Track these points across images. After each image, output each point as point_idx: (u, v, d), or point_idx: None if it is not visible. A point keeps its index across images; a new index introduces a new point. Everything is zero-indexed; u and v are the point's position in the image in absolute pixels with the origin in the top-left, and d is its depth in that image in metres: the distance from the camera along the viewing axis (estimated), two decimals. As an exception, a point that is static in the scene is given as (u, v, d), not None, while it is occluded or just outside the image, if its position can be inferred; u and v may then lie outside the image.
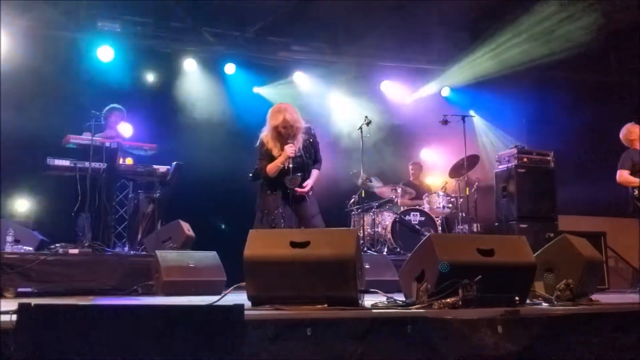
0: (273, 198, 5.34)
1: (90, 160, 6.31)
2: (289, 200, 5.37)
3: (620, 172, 6.98)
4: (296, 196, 5.36)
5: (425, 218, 8.15)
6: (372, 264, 6.24)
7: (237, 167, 8.33)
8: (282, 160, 5.27)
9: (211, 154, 8.35)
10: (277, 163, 5.29)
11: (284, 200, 5.38)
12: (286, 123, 5.20)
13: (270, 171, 5.31)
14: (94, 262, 5.83)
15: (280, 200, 5.36)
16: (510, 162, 8.25)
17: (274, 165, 5.30)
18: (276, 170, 5.31)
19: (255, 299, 3.39)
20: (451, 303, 3.31)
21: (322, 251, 3.37)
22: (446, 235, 6.88)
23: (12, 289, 5.45)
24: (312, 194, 5.51)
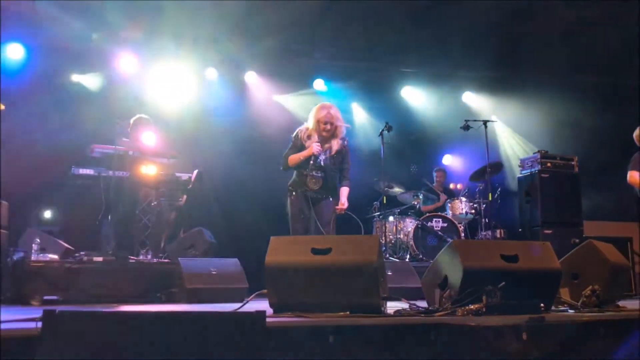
0: (296, 201, 5.45)
1: (114, 169, 6.39)
2: (309, 203, 5.46)
3: (630, 173, 6.88)
4: (315, 199, 5.47)
5: (448, 224, 8.08)
6: (394, 271, 6.21)
7: (258, 174, 8.39)
8: (306, 154, 5.38)
9: (232, 162, 8.40)
10: (300, 155, 5.41)
11: (306, 203, 5.46)
12: (329, 118, 5.32)
13: (291, 161, 5.45)
14: (117, 270, 5.88)
15: (304, 204, 5.44)
16: (533, 167, 8.18)
17: (296, 156, 5.43)
18: (296, 162, 5.42)
19: (277, 306, 3.39)
20: (475, 310, 3.27)
21: (344, 258, 3.36)
22: (469, 241, 6.82)
23: (38, 297, 5.52)
24: (332, 200, 5.57)
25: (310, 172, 5.39)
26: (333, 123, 5.33)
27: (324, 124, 5.32)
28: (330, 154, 5.44)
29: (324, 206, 5.48)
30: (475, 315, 3.24)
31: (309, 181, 5.39)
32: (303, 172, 5.45)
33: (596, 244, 4.18)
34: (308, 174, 5.38)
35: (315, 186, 5.40)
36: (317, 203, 5.49)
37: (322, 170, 5.41)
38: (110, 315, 1.82)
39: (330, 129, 5.35)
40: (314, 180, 5.38)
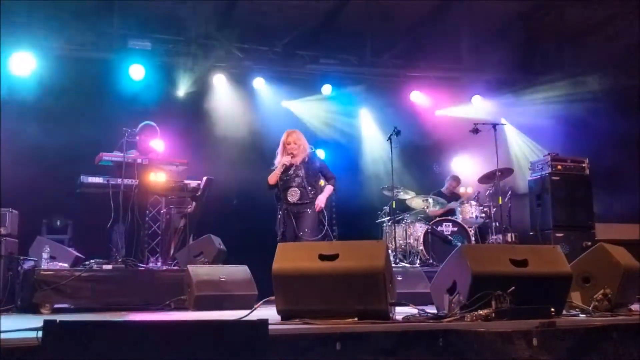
0: (281, 221, 6.02)
1: (122, 177, 6.40)
2: (291, 219, 5.98)
3: None
4: (295, 212, 5.97)
5: (458, 228, 8.03)
6: (404, 276, 6.18)
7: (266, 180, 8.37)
8: (280, 168, 6.06)
9: (241, 168, 8.40)
10: (276, 171, 6.12)
11: (289, 220, 5.98)
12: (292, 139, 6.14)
13: (270, 179, 6.13)
14: (127, 278, 5.89)
15: (287, 221, 5.99)
16: (543, 169, 8.12)
17: (273, 173, 6.13)
18: (275, 177, 6.10)
19: (285, 312, 3.37)
20: (484, 315, 3.24)
21: (352, 264, 3.34)
22: (477, 246, 6.77)
23: (48, 305, 5.55)
24: (317, 210, 6.03)
25: (288, 186, 6.00)
26: (296, 143, 6.11)
27: (288, 144, 6.12)
28: (297, 165, 6.07)
29: (304, 217, 5.96)
30: (485, 320, 3.20)
31: (288, 195, 5.98)
32: (283, 188, 6.05)
33: (607, 247, 4.13)
34: (287, 188, 6.00)
35: (293, 198, 5.95)
36: (298, 217, 5.96)
37: (299, 185, 5.99)
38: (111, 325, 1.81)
39: (293, 148, 6.09)
40: (292, 193, 5.97)
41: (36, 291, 5.52)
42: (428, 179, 9.38)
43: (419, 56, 9.86)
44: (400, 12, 9.10)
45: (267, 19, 8.87)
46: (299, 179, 6.02)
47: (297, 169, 6.07)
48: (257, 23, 8.88)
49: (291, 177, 6.05)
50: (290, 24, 9.18)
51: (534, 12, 9.25)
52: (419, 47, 9.68)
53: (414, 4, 8.97)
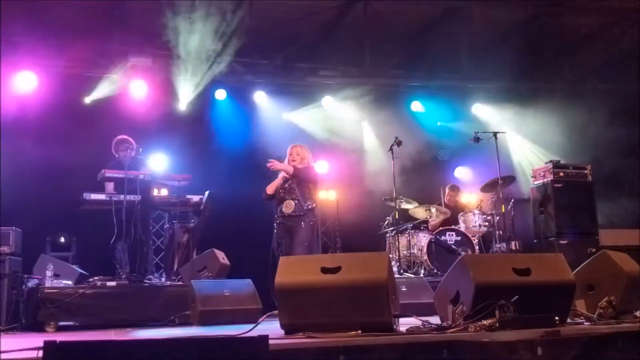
0: (277, 235, 6.10)
1: (125, 193, 6.42)
2: (286, 233, 6.06)
3: None
4: (291, 227, 6.02)
5: (462, 238, 8.00)
6: (408, 286, 6.16)
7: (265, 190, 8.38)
8: (279, 179, 6.22)
9: (244, 182, 8.40)
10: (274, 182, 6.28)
11: (285, 233, 6.07)
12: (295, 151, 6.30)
13: (267, 189, 6.27)
14: (131, 294, 5.89)
15: (283, 234, 6.08)
16: (546, 177, 8.11)
17: (271, 184, 6.28)
18: (271, 187, 6.24)
19: (289, 326, 3.36)
20: (488, 325, 3.23)
21: (354, 276, 3.34)
22: (480, 256, 6.75)
23: (53, 323, 5.55)
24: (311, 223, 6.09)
25: (283, 198, 6.10)
26: (298, 154, 6.26)
27: (290, 155, 6.28)
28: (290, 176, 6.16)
29: (299, 230, 5.99)
30: (489, 330, 3.19)
31: (284, 206, 6.06)
32: (278, 200, 6.15)
33: (610, 253, 4.12)
34: (283, 200, 6.08)
35: (288, 210, 6.01)
36: (293, 230, 6.02)
37: (294, 197, 6.07)
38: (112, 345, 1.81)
39: (294, 159, 6.23)
40: (287, 205, 6.04)
41: (40, 309, 5.52)
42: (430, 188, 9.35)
43: (418, 66, 9.89)
44: (399, 23, 9.14)
45: (267, 33, 8.92)
46: (294, 191, 6.10)
47: (293, 182, 6.15)
48: (257, 37, 8.93)
49: (286, 189, 6.14)
50: (290, 37, 9.23)
51: (532, 21, 9.28)
52: (419, 57, 9.71)
53: (413, 14, 9.02)
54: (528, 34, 9.37)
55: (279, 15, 8.64)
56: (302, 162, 6.25)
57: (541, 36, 9.42)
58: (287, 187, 6.18)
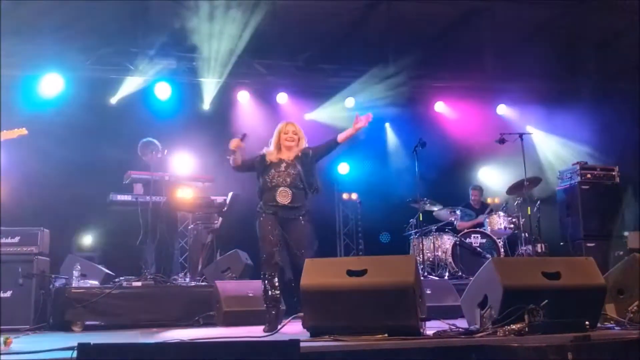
0: (265, 222, 4.92)
1: (150, 194, 6.49)
2: (278, 224, 4.91)
3: None
4: (285, 219, 4.91)
5: (487, 240, 7.93)
6: (433, 289, 6.11)
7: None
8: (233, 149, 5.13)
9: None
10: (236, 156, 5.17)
11: (277, 224, 4.91)
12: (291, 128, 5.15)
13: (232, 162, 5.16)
14: (156, 294, 5.95)
15: (274, 224, 4.90)
16: (572, 179, 8.01)
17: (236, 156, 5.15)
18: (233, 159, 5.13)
19: (314, 329, 3.36)
20: (517, 330, 3.19)
21: (380, 279, 3.32)
22: (508, 259, 6.68)
23: (79, 323, 5.62)
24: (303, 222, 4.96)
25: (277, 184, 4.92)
26: (296, 134, 5.10)
27: (285, 133, 5.08)
28: (289, 161, 5.00)
29: (297, 229, 4.91)
30: (518, 335, 3.15)
31: (278, 195, 4.88)
32: (270, 187, 4.95)
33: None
34: (276, 187, 4.90)
35: (284, 200, 4.86)
36: (288, 225, 4.91)
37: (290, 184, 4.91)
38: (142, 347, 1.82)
39: (292, 139, 5.06)
40: (283, 193, 4.89)
41: (68, 309, 5.60)
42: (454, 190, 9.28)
43: (442, 66, 9.81)
44: (422, 23, 9.08)
45: (289, 34, 8.93)
46: (291, 178, 4.94)
47: (289, 166, 4.99)
48: (279, 38, 8.95)
49: (282, 174, 4.94)
50: (312, 38, 9.22)
51: (558, 20, 9.16)
52: (443, 57, 9.64)
53: (436, 13, 8.95)
54: (554, 33, 9.25)
55: (301, 16, 8.64)
56: (298, 144, 5.10)
57: (568, 35, 9.29)
58: (282, 171, 4.98)
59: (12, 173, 5.27)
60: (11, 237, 5.93)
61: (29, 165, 7.56)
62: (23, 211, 7.13)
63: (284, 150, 5.06)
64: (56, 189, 7.70)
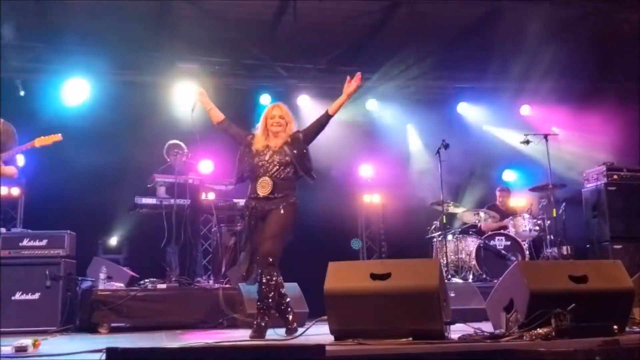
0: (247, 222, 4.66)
1: (175, 197, 6.55)
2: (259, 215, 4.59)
3: None
4: (265, 211, 4.54)
5: (511, 242, 7.84)
6: (457, 292, 6.08)
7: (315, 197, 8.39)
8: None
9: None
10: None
11: (257, 221, 4.60)
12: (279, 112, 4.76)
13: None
14: (181, 297, 6.01)
15: (255, 222, 4.61)
16: (599, 180, 7.90)
17: None
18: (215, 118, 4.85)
19: (338, 333, 3.36)
20: (544, 334, 3.16)
21: (404, 283, 3.31)
22: (535, 263, 6.60)
23: (106, 325, 5.70)
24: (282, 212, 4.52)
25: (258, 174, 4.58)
26: (283, 118, 4.70)
27: (271, 118, 4.70)
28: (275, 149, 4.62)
29: (272, 219, 4.51)
30: (545, 339, 3.12)
31: (259, 185, 4.54)
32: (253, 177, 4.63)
33: (671, 260, 3.97)
34: (258, 177, 4.57)
35: (264, 190, 4.51)
36: (268, 216, 4.54)
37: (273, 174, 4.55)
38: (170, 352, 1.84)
39: (279, 124, 4.68)
40: (263, 184, 4.53)
41: (94, 311, 5.69)
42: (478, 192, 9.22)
43: (465, 67, 9.75)
44: (444, 23, 9.02)
45: (311, 37, 8.94)
46: (276, 166, 4.57)
47: (275, 153, 4.61)
48: (301, 41, 8.97)
49: (265, 163, 4.58)
50: (334, 40, 9.22)
51: (583, 19, 9.03)
52: (465, 57, 9.57)
53: (458, 14, 8.89)
54: (579, 33, 9.12)
55: (322, 19, 8.65)
56: (286, 129, 4.71)
57: (593, 34, 9.15)
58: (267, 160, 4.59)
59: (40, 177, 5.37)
60: (39, 240, 6.05)
61: (55, 170, 7.68)
62: (50, 215, 7.27)
63: (271, 137, 4.67)
64: (82, 192, 7.81)
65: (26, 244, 6.03)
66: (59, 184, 7.67)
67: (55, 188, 7.64)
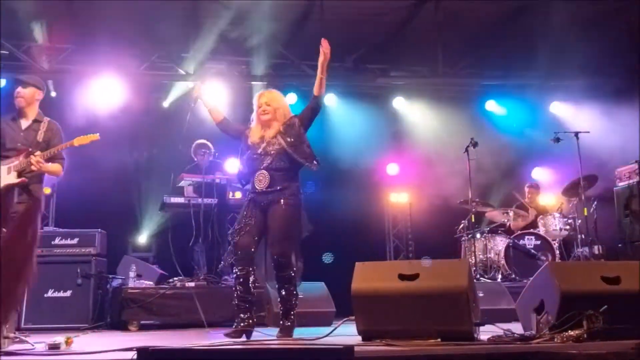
0: (246, 210, 4.41)
1: (202, 196, 6.62)
2: (258, 210, 4.37)
3: None
4: (265, 204, 4.34)
5: (541, 242, 7.72)
6: (485, 292, 6.01)
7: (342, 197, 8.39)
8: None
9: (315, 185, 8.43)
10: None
11: (256, 211, 4.37)
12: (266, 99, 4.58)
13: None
14: (208, 295, 6.06)
15: (253, 211, 4.37)
16: (631, 178, 7.74)
17: None
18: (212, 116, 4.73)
19: (366, 333, 3.35)
20: (575, 336, 3.11)
21: (433, 283, 3.29)
22: (566, 263, 6.50)
23: (135, 322, 5.78)
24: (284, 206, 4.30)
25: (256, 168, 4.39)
26: (269, 104, 4.49)
27: (259, 107, 4.51)
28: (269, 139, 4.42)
29: (275, 215, 4.28)
30: (576, 342, 3.07)
31: (256, 180, 4.36)
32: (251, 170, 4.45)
33: None
34: (255, 171, 4.38)
35: (261, 185, 4.32)
36: (269, 210, 4.33)
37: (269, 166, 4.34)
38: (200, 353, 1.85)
39: (266, 111, 4.47)
40: (260, 176, 4.34)
41: (124, 309, 5.77)
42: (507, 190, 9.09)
43: (493, 64, 9.63)
44: (472, 20, 8.92)
45: (337, 35, 8.89)
46: (270, 158, 4.36)
47: (269, 144, 4.41)
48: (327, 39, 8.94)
49: (259, 156, 4.39)
50: (360, 38, 9.19)
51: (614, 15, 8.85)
52: (493, 54, 9.45)
53: (486, 9, 8.78)
54: (610, 28, 8.93)
55: (348, 16, 8.62)
56: (276, 115, 4.49)
57: (624, 30, 8.95)
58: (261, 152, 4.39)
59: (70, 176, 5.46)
60: (70, 239, 6.17)
61: (86, 169, 7.80)
62: (81, 214, 7.39)
63: (265, 127, 4.48)
64: (112, 191, 7.93)
65: (58, 243, 6.15)
66: (90, 183, 7.79)
67: (86, 187, 7.76)
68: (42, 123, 4.76)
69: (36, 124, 4.76)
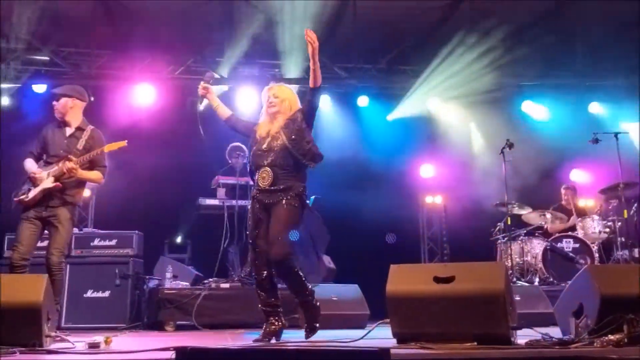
0: (252, 211, 4.30)
1: (237, 198, 6.68)
2: (263, 211, 4.22)
3: None
4: (269, 204, 4.18)
5: (580, 245, 7.56)
6: (522, 295, 5.92)
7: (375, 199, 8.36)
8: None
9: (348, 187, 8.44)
10: None
11: (261, 212, 4.23)
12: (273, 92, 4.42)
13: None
14: (243, 296, 6.10)
15: (259, 213, 4.23)
16: (673, 180, 7.51)
17: None
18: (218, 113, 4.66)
19: (401, 336, 3.32)
20: (615, 340, 3.03)
21: (469, 286, 3.25)
22: (605, 266, 6.35)
23: (172, 323, 5.85)
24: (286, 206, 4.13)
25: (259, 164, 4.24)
26: (277, 96, 4.33)
27: (268, 100, 4.37)
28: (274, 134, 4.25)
29: (275, 215, 4.13)
30: (616, 346, 2.99)
31: (259, 177, 4.21)
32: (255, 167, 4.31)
33: None
34: (259, 167, 4.23)
35: (264, 182, 4.18)
36: (272, 210, 4.18)
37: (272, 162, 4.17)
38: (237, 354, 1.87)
39: (274, 104, 4.32)
40: (264, 173, 4.18)
41: (161, 309, 5.86)
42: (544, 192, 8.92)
43: (529, 64, 9.47)
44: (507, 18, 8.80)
45: (370, 36, 8.91)
46: (273, 154, 4.19)
47: (273, 139, 4.25)
48: (360, 41, 8.94)
49: (264, 152, 4.23)
50: (392, 39, 9.16)
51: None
52: (530, 54, 9.30)
53: (522, 9, 8.66)
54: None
55: (382, 18, 8.60)
56: (283, 108, 4.32)
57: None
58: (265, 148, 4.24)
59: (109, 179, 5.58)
60: (108, 240, 6.29)
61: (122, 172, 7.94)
62: (118, 216, 7.54)
63: (271, 121, 4.34)
64: (148, 193, 8.06)
65: (97, 244, 6.28)
66: (127, 186, 7.93)
67: (124, 189, 7.90)
68: (84, 131, 4.92)
69: (79, 132, 4.93)
